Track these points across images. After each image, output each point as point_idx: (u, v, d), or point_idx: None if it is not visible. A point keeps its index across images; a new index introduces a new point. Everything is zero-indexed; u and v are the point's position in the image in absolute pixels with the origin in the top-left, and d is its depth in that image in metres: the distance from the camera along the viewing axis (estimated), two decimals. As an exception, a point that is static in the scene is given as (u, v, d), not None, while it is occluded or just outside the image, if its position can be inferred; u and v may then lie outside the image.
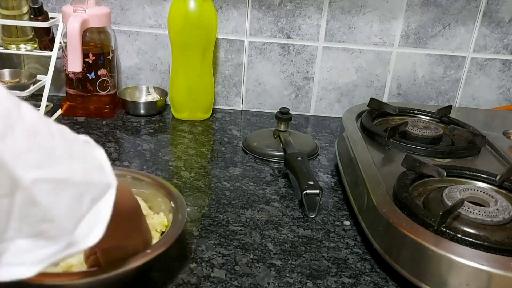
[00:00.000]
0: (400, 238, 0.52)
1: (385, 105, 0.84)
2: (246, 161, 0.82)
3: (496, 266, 0.46)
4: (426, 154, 0.70)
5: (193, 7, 0.88)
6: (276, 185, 0.74)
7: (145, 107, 0.98)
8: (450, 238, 0.50)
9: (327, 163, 0.84)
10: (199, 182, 0.74)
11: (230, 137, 0.92)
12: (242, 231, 0.62)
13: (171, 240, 0.49)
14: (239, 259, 0.57)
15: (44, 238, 0.34)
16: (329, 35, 0.99)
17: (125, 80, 1.05)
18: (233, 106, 1.06)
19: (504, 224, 0.53)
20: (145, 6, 0.98)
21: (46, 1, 0.96)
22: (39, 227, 0.33)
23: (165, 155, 0.82)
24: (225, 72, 1.03)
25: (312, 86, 1.04)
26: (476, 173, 0.65)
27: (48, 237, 0.34)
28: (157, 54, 1.02)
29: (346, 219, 0.67)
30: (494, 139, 0.77)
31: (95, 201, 0.37)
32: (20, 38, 0.92)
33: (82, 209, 0.36)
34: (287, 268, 0.56)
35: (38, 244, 0.33)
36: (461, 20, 0.98)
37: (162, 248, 0.48)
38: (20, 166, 0.31)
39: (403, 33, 0.99)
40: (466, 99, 1.05)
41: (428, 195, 0.60)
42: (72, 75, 0.92)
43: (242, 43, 1.00)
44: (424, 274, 0.50)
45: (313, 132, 0.98)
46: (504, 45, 1.00)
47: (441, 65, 1.02)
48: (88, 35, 0.90)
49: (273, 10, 0.97)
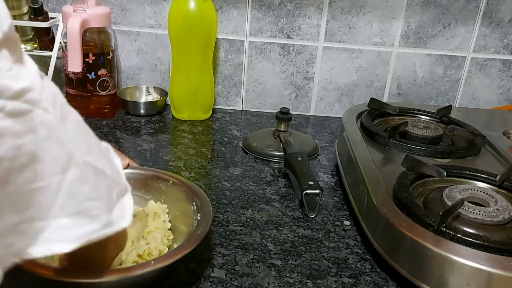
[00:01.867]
0: (400, 238, 0.52)
1: (385, 105, 0.84)
2: (246, 161, 0.82)
3: (496, 266, 0.46)
4: (426, 154, 0.70)
5: (193, 7, 0.88)
6: (276, 185, 0.74)
7: (145, 107, 0.98)
8: (450, 238, 0.50)
9: (327, 163, 0.84)
10: (199, 182, 0.74)
11: (230, 137, 0.92)
12: (242, 231, 0.62)
13: (198, 240, 0.50)
14: (239, 259, 0.57)
15: (86, 216, 0.36)
16: (329, 35, 0.99)
17: (125, 80, 1.05)
18: (233, 106, 1.06)
19: (504, 224, 0.53)
20: (145, 6, 0.98)
21: (46, 1, 0.96)
22: (84, 205, 0.36)
23: (165, 155, 0.82)
24: (225, 72, 1.03)
25: (312, 86, 1.04)
26: (476, 173, 0.65)
27: (90, 215, 0.36)
28: (157, 54, 1.02)
29: (346, 219, 0.67)
30: (494, 139, 0.77)
31: (120, 195, 0.41)
32: (20, 38, 0.92)
33: (113, 198, 0.39)
34: (287, 268, 0.56)
35: (79, 222, 0.36)
36: (461, 20, 0.98)
37: (190, 248, 0.48)
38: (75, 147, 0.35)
39: (403, 33, 0.99)
40: (466, 99, 1.05)
41: (428, 195, 0.60)
42: (72, 75, 0.92)
43: (242, 43, 1.00)
44: (424, 274, 0.50)
45: (313, 132, 0.98)
46: (504, 45, 1.00)
47: (441, 65, 1.02)
48: (88, 35, 0.90)
49: (273, 10, 0.97)
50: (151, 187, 0.61)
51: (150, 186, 0.61)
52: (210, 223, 0.53)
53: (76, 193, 0.35)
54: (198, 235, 0.50)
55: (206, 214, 0.54)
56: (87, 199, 0.36)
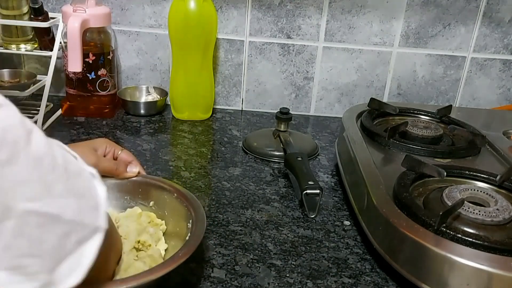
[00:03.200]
0: (400, 238, 0.52)
1: (385, 105, 0.84)
2: (246, 161, 0.82)
3: (496, 266, 0.46)
4: (426, 154, 0.70)
5: (193, 7, 0.88)
6: (276, 185, 0.74)
7: (145, 107, 0.98)
8: (450, 238, 0.50)
9: (327, 163, 0.84)
10: (199, 182, 0.74)
11: (230, 137, 0.92)
12: (242, 231, 0.62)
13: (192, 249, 0.48)
14: (239, 259, 0.57)
15: (22, 273, 0.32)
16: (329, 35, 0.99)
17: (125, 80, 1.05)
18: (233, 106, 1.06)
19: (504, 224, 0.53)
20: (145, 6, 0.98)
21: (46, 1, 0.96)
22: (21, 261, 0.32)
23: (165, 155, 0.82)
24: (225, 72, 1.03)
25: (312, 86, 1.04)
26: (476, 173, 0.65)
27: (27, 273, 0.32)
28: (157, 54, 1.02)
29: (346, 219, 0.67)
30: (494, 139, 0.77)
31: (80, 243, 0.36)
32: (20, 38, 0.92)
33: (66, 249, 0.35)
34: (287, 268, 0.56)
35: (15, 279, 0.32)
36: (461, 20, 0.98)
37: (183, 258, 0.47)
38: (16, 195, 0.31)
39: (403, 33, 0.99)
40: (466, 99, 1.05)
41: (428, 195, 0.60)
42: (72, 75, 0.92)
43: (242, 43, 1.00)
44: (424, 274, 0.50)
45: (313, 132, 0.98)
46: (504, 45, 1.00)
47: (441, 65, 1.02)
48: (88, 35, 0.90)
49: (273, 10, 0.97)
50: (144, 194, 0.60)
51: (142, 192, 0.60)
52: (204, 227, 0.52)
53: (11, 247, 0.31)
54: (194, 242, 0.49)
55: (200, 220, 0.53)
56: (23, 255, 0.32)
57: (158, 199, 0.59)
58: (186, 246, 0.48)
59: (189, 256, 0.47)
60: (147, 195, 0.60)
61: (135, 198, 0.60)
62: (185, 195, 0.57)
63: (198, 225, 0.52)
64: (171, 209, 0.58)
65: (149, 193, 0.60)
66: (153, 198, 0.59)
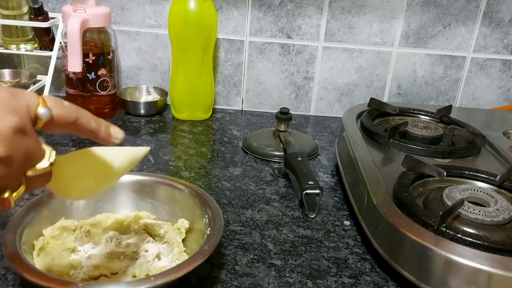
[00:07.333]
0: (400, 238, 0.52)
1: (385, 105, 0.84)
2: (246, 161, 0.82)
3: (496, 266, 0.46)
4: (426, 154, 0.70)
5: (193, 7, 0.88)
6: (276, 185, 0.74)
7: (145, 107, 0.98)
8: (450, 238, 0.50)
9: (327, 163, 0.84)
10: (199, 182, 0.74)
11: (230, 137, 0.92)
12: (242, 231, 0.62)
13: (211, 249, 0.49)
14: (239, 259, 0.57)
15: None
16: (329, 35, 0.99)
17: (125, 80, 1.05)
18: (233, 106, 1.06)
19: (504, 224, 0.53)
20: (145, 6, 0.98)
21: (46, 1, 0.96)
22: None
23: (165, 155, 0.82)
24: (225, 72, 1.03)
25: (312, 86, 1.04)
26: (476, 173, 0.65)
27: None
28: (157, 54, 1.02)
29: (346, 219, 0.67)
30: (494, 139, 0.77)
31: None
32: (20, 38, 0.92)
33: None
34: (287, 268, 0.56)
35: None
36: (461, 20, 0.98)
37: (202, 258, 0.48)
38: None
39: (403, 33, 0.99)
40: (466, 99, 1.05)
41: (428, 195, 0.60)
42: (72, 75, 0.92)
43: (242, 43, 1.00)
44: (424, 274, 0.50)
45: (313, 132, 0.98)
46: (504, 45, 1.00)
47: (441, 65, 1.02)
48: (88, 35, 0.90)
49: (273, 10, 0.97)
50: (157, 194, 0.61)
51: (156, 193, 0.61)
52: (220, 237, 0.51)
53: None
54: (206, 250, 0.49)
55: (217, 228, 0.53)
56: None
57: (171, 197, 0.60)
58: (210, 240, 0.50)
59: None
60: (156, 194, 0.60)
61: (144, 197, 0.60)
62: (196, 191, 0.58)
63: (216, 220, 0.53)
64: (183, 207, 0.58)
65: (159, 192, 0.60)
66: (164, 197, 0.60)
